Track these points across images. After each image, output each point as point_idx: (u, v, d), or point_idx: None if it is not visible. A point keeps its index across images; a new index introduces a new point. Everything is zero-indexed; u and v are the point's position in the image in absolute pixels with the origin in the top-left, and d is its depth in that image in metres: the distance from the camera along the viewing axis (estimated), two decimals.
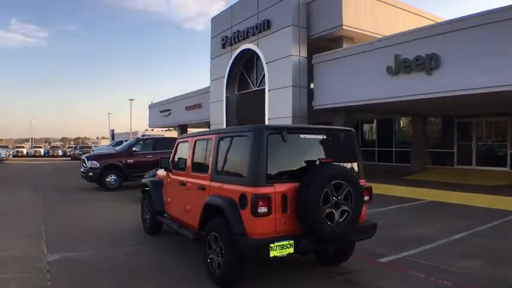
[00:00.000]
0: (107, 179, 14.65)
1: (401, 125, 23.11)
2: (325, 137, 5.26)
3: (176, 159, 6.89)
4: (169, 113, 35.19)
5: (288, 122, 16.33)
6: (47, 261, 6.15)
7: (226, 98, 21.54)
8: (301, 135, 5.01)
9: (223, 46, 21.13)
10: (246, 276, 5.15)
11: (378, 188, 14.28)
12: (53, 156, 52.63)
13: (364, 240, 5.41)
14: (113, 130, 57.43)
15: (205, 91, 26.37)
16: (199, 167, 5.93)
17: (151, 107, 41.56)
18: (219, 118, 22.23)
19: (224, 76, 21.30)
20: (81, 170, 15.53)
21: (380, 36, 14.51)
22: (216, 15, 22.32)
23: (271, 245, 4.34)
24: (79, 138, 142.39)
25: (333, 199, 4.64)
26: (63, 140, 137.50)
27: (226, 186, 5.04)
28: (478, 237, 7.40)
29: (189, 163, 6.29)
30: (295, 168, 4.82)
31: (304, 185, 4.58)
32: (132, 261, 6.12)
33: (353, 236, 5.04)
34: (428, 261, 5.85)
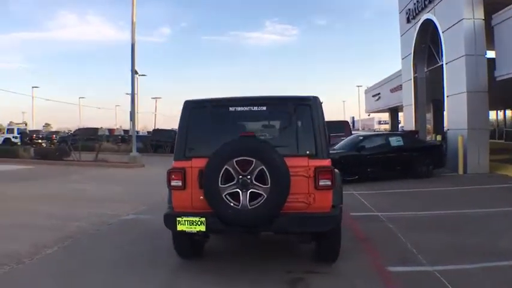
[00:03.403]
0: None
1: None
2: (264, 108, 4.39)
3: None
4: (379, 97, 33.68)
5: (463, 98, 13.36)
6: (119, 219, 7.30)
7: (415, 76, 19.12)
8: (231, 108, 4.42)
9: (408, 20, 18.76)
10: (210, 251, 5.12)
11: None
12: None
13: (306, 232, 4.34)
14: (353, 117, 58.82)
15: None
16: None
17: (367, 91, 40.65)
18: (409, 99, 20.01)
19: (410, 53, 18.93)
20: None
21: None
22: None
23: (178, 219, 4.16)
24: None
25: (240, 178, 3.94)
26: None
27: None
28: None
29: None
30: (218, 143, 4.20)
31: (207, 161, 4.07)
32: None
33: (282, 225, 4.06)
34: (454, 283, 3.99)
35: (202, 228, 4.14)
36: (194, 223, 4.13)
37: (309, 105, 4.36)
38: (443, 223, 6.67)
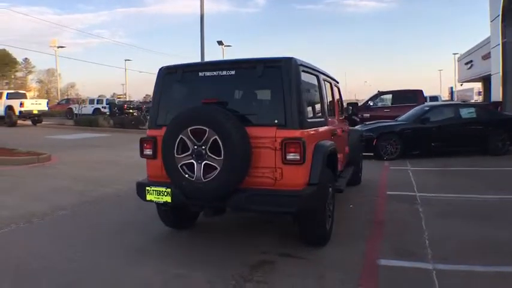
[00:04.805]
0: None
1: None
2: (233, 72, 3.84)
3: None
4: (471, 65, 29.86)
5: None
6: None
7: (503, 41, 16.43)
8: (200, 74, 3.95)
9: None
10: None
11: None
12: None
13: (269, 212, 3.94)
14: (451, 87, 53.43)
15: None
16: None
17: (460, 59, 36.42)
18: (496, 66, 17.37)
19: (499, 15, 16.23)
20: None
21: None
22: None
23: (147, 188, 3.98)
24: None
25: (195, 148, 3.54)
26: None
27: None
28: None
29: None
30: None
31: (165, 130, 3.78)
32: None
33: (240, 201, 3.59)
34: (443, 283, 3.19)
35: (168, 199, 3.87)
36: (161, 193, 3.90)
37: (279, 68, 3.68)
38: (488, 210, 5.49)
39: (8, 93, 21.22)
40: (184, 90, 4.15)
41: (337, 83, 6.24)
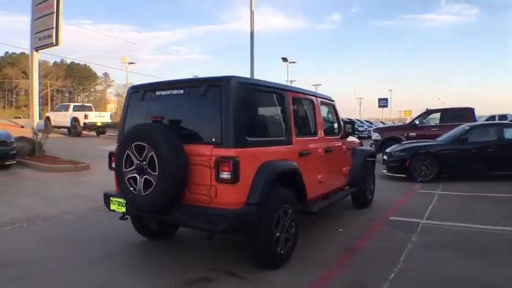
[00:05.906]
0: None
1: None
2: (182, 91, 4.00)
3: None
4: None
5: None
6: None
7: None
8: (157, 93, 4.17)
9: None
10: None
11: None
12: None
13: (202, 229, 3.77)
14: None
15: None
16: None
17: None
18: None
19: None
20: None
21: None
22: None
23: (111, 199, 4.25)
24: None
25: (138, 163, 3.73)
26: None
27: None
28: None
29: None
30: None
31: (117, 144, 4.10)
32: None
33: (176, 216, 3.74)
34: None
35: (124, 210, 4.11)
36: (120, 204, 4.14)
37: (219, 87, 3.72)
38: (491, 245, 4.80)
39: (74, 106, 23.16)
40: (144, 108, 4.32)
41: (331, 101, 6.02)
